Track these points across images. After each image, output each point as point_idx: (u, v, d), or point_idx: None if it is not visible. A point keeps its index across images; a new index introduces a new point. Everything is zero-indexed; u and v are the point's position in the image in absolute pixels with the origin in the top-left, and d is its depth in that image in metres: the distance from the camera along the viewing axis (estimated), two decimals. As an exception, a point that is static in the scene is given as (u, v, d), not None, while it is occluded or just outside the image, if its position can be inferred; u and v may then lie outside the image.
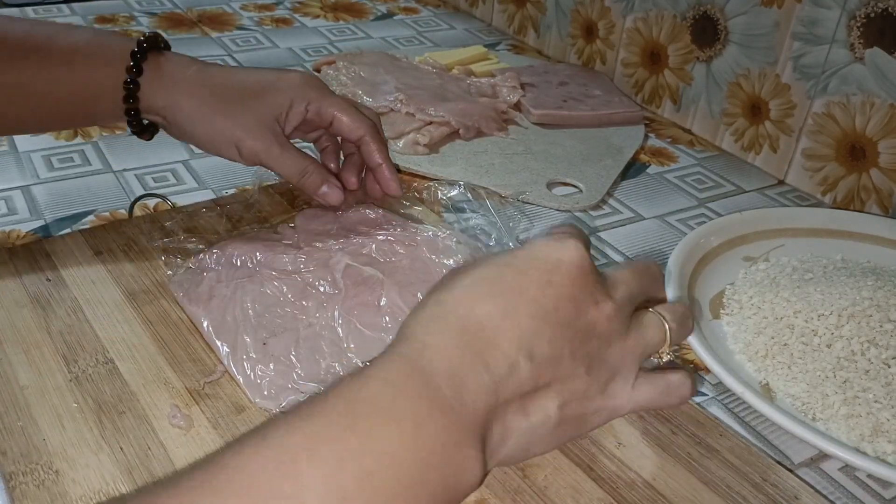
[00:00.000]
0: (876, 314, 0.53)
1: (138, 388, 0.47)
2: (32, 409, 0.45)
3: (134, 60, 0.52)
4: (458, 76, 0.90)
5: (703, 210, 0.74)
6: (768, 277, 0.60)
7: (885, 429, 0.48)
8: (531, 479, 0.44)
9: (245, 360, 0.49)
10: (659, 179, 0.79)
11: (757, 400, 0.48)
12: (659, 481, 0.45)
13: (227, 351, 0.50)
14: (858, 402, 0.50)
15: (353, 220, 0.61)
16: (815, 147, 0.77)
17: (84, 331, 0.51)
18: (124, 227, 0.61)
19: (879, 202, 0.72)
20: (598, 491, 0.44)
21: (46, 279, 0.55)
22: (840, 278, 0.58)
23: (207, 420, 0.46)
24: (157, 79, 0.53)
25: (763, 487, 0.45)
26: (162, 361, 0.49)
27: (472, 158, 0.77)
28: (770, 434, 0.50)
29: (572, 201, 0.72)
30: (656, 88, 0.91)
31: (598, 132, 0.85)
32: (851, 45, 0.71)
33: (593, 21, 0.97)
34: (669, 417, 0.49)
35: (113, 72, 0.53)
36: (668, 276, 0.58)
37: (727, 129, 0.84)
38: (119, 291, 0.55)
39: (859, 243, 0.67)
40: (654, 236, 0.69)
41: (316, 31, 1.06)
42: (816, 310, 0.54)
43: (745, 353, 0.55)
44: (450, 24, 1.14)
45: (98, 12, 1.05)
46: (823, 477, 0.48)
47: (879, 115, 0.71)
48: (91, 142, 0.75)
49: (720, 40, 0.83)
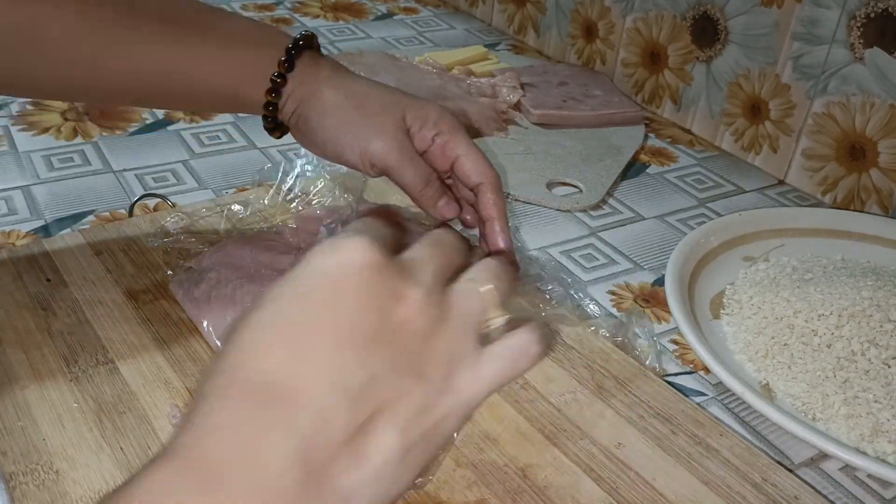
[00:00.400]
0: (876, 314, 0.53)
1: (138, 388, 0.47)
2: (32, 409, 0.45)
3: (287, 56, 0.52)
4: (458, 76, 0.90)
5: (703, 210, 0.74)
6: (768, 277, 0.60)
7: (885, 429, 0.48)
8: (531, 479, 0.44)
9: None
10: (659, 179, 0.79)
11: (757, 400, 0.48)
12: (659, 481, 0.45)
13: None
14: (858, 402, 0.50)
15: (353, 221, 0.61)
16: (815, 147, 0.77)
17: (84, 331, 0.51)
18: (124, 227, 0.61)
19: (879, 202, 0.72)
20: (598, 491, 0.44)
21: (46, 279, 0.55)
22: (840, 278, 0.58)
23: (207, 420, 0.46)
24: (303, 74, 0.53)
25: (763, 487, 0.45)
26: (162, 361, 0.49)
27: (472, 158, 0.77)
28: (770, 434, 0.50)
29: (572, 201, 0.72)
30: (656, 88, 0.91)
31: (598, 132, 0.85)
32: (851, 45, 0.71)
33: (593, 21, 0.97)
34: (669, 417, 0.49)
35: (266, 62, 0.52)
36: (668, 275, 0.58)
37: (727, 129, 0.84)
38: (119, 291, 0.55)
39: (859, 243, 0.67)
40: (654, 236, 0.69)
41: (316, 31, 1.06)
42: (816, 310, 0.54)
43: (745, 353, 0.55)
44: (450, 24, 1.14)
45: (98, 12, 1.05)
46: (823, 477, 0.48)
47: (879, 115, 0.71)
48: (91, 142, 0.75)
49: (720, 40, 0.83)
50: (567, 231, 0.69)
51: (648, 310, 0.60)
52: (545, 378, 0.51)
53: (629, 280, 0.63)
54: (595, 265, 0.65)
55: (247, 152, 0.76)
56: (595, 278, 0.63)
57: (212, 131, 0.79)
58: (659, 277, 0.63)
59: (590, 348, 0.54)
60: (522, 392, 0.50)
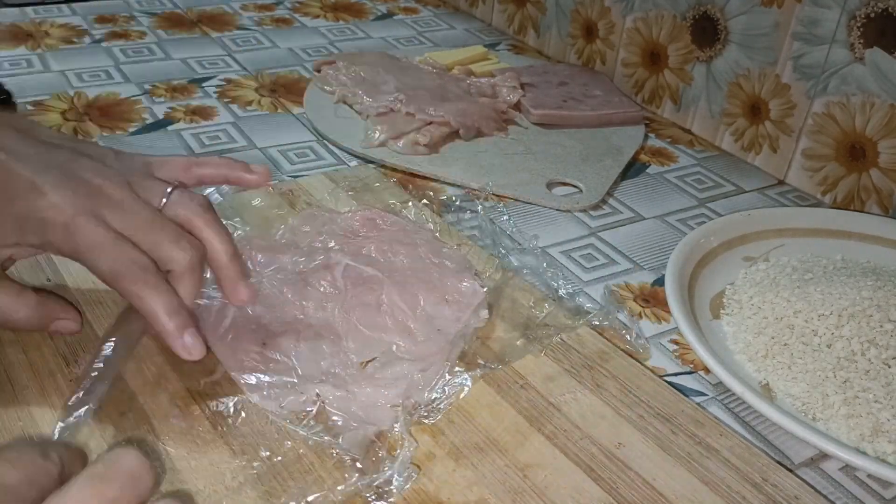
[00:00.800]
0: (876, 314, 0.53)
1: (138, 388, 0.47)
2: (32, 408, 0.45)
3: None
4: (458, 76, 0.90)
5: (703, 210, 0.74)
6: (768, 277, 0.60)
7: (885, 429, 0.48)
8: (531, 479, 0.44)
9: (244, 360, 0.49)
10: (659, 179, 0.79)
11: (757, 400, 0.48)
12: (659, 481, 0.45)
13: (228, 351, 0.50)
14: (858, 402, 0.50)
15: (353, 221, 0.61)
16: (815, 147, 0.77)
17: (84, 331, 0.51)
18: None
19: (879, 202, 0.72)
20: (598, 491, 0.44)
21: (47, 279, 0.55)
22: (840, 278, 0.58)
23: (207, 420, 0.46)
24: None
25: (763, 487, 0.45)
26: (162, 361, 0.49)
27: (472, 158, 0.77)
28: (770, 434, 0.50)
29: (572, 201, 0.72)
30: (656, 88, 0.91)
31: (598, 132, 0.85)
32: (851, 45, 0.71)
33: (593, 21, 0.97)
34: (669, 417, 0.49)
35: None
36: (668, 275, 0.58)
37: (727, 129, 0.84)
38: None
39: (859, 243, 0.67)
40: (654, 236, 0.69)
41: (316, 31, 1.06)
42: (816, 310, 0.54)
43: (745, 353, 0.55)
44: (450, 24, 1.14)
45: (98, 12, 1.05)
46: (823, 477, 0.48)
47: (879, 115, 0.71)
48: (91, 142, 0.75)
49: (720, 40, 0.83)
50: (567, 231, 0.69)
51: (648, 310, 0.60)
52: (545, 378, 0.51)
53: (629, 280, 0.63)
54: (595, 265, 0.65)
55: (247, 152, 0.76)
56: (595, 278, 0.63)
57: (212, 131, 0.79)
58: (659, 277, 0.63)
59: (590, 348, 0.54)
60: (522, 392, 0.50)
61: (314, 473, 0.43)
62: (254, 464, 0.43)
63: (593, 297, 0.60)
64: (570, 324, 0.55)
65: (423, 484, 0.43)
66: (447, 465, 0.45)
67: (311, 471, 0.43)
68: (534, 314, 0.56)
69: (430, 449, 0.46)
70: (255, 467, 0.43)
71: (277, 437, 0.45)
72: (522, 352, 0.53)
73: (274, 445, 0.44)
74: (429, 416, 0.47)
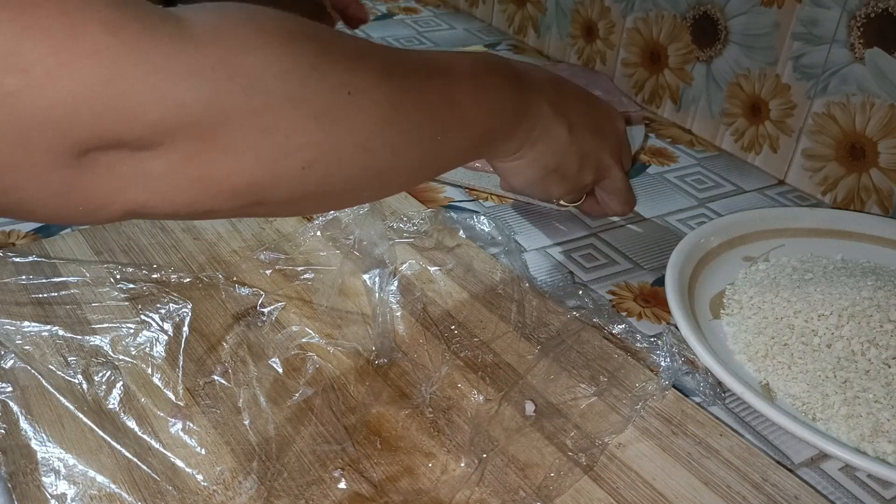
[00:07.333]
0: (876, 314, 0.53)
1: (138, 388, 0.48)
2: (32, 409, 0.45)
3: None
4: (458, 76, 0.90)
5: (703, 210, 0.74)
6: (768, 277, 0.60)
7: (885, 429, 0.48)
8: (531, 479, 0.44)
9: (245, 360, 0.49)
10: (659, 179, 0.79)
11: (757, 400, 0.48)
12: (659, 481, 0.45)
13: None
14: (858, 402, 0.50)
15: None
16: (815, 147, 0.77)
17: (84, 331, 0.51)
18: (124, 227, 0.61)
19: (879, 202, 0.72)
20: (598, 491, 0.44)
21: (47, 279, 0.55)
22: (840, 278, 0.58)
23: (207, 420, 0.46)
24: None
25: (763, 487, 0.45)
26: (162, 361, 0.49)
27: (472, 158, 0.77)
28: (770, 434, 0.50)
29: (572, 201, 0.72)
30: (656, 88, 0.91)
31: (598, 132, 0.85)
32: (851, 45, 0.71)
33: (593, 21, 0.97)
34: (669, 417, 0.49)
35: None
36: (668, 275, 0.58)
37: (727, 129, 0.84)
38: (119, 291, 0.55)
39: (859, 243, 0.67)
40: (654, 236, 0.69)
41: (316, 31, 1.06)
42: (816, 310, 0.54)
43: (745, 353, 0.55)
44: (450, 24, 1.14)
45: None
46: (823, 477, 0.48)
47: (879, 115, 0.71)
48: (91, 142, 0.75)
49: (720, 40, 0.83)
50: (567, 231, 0.69)
51: (648, 310, 0.60)
52: (545, 378, 0.51)
53: (629, 280, 0.63)
54: (595, 265, 0.65)
55: (247, 152, 0.76)
56: (595, 278, 0.63)
57: (212, 131, 0.79)
58: (659, 277, 0.63)
59: (590, 348, 0.54)
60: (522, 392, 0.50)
61: (314, 473, 0.43)
62: (253, 464, 0.43)
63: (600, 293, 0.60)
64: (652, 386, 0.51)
65: (423, 484, 0.43)
66: (447, 465, 0.45)
67: (311, 471, 0.43)
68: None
69: (431, 449, 0.46)
70: (254, 467, 0.43)
71: (277, 436, 0.45)
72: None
73: (274, 444, 0.44)
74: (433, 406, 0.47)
